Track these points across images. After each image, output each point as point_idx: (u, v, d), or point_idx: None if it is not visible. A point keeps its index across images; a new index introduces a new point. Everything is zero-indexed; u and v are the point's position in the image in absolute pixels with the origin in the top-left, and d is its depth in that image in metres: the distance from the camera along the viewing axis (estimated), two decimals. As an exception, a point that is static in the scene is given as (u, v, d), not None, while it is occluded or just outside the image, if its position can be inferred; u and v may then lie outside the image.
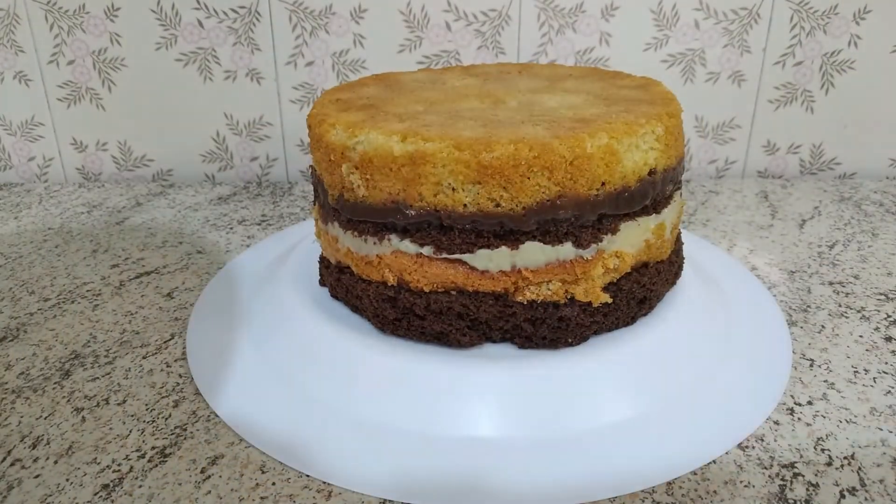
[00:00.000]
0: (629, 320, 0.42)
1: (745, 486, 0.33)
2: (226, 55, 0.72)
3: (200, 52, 0.72)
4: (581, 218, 0.37)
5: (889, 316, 0.48)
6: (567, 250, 0.38)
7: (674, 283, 0.46)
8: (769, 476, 0.34)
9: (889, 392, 0.40)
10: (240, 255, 0.58)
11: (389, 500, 0.33)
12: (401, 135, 0.38)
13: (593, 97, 0.44)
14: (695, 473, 0.34)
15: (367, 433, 0.37)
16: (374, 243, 0.40)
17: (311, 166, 0.46)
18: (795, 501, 0.32)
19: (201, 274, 0.55)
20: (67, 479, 0.34)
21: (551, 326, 0.39)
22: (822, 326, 0.46)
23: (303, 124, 0.75)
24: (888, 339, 0.45)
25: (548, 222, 0.37)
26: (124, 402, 0.40)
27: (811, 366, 0.42)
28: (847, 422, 0.37)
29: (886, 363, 0.42)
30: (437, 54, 0.72)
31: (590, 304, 0.39)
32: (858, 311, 0.48)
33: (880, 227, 0.62)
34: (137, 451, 0.36)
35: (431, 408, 0.37)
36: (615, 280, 0.40)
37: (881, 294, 0.50)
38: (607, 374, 0.39)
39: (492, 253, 0.38)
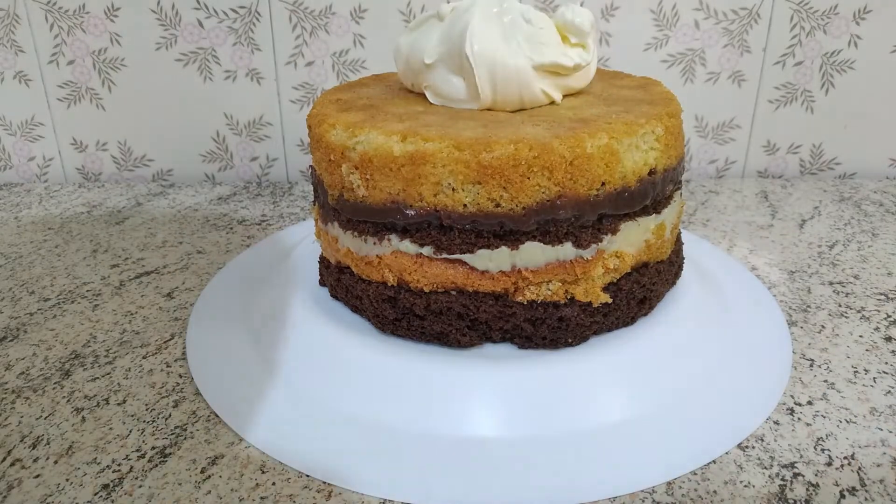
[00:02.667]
0: (629, 320, 0.42)
1: (745, 486, 0.33)
2: (226, 55, 0.72)
3: (200, 52, 0.72)
4: (581, 218, 0.37)
5: (889, 316, 0.48)
6: (567, 250, 0.38)
7: (674, 283, 0.46)
8: (769, 476, 0.34)
9: (889, 392, 0.40)
10: (240, 255, 0.58)
11: (389, 500, 0.33)
12: (401, 135, 0.38)
13: (593, 97, 0.44)
14: (695, 473, 0.34)
15: (367, 433, 0.37)
16: (374, 243, 0.40)
17: (311, 166, 0.46)
18: (795, 501, 0.32)
19: (201, 274, 0.55)
20: (67, 479, 0.34)
21: (551, 326, 0.39)
22: (822, 326, 0.46)
23: (303, 124, 0.75)
24: (888, 339, 0.45)
25: (548, 222, 0.37)
26: (124, 402, 0.40)
27: (811, 366, 0.42)
28: (847, 422, 0.37)
29: (886, 363, 0.42)
30: (437, 54, 0.72)
31: (590, 304, 0.39)
32: (858, 311, 0.48)
33: (880, 227, 0.62)
34: (137, 451, 0.36)
35: (431, 408, 0.37)
36: (615, 280, 0.40)
37: (881, 294, 0.50)
38: (607, 374, 0.39)
39: (492, 253, 0.38)
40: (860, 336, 0.45)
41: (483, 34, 0.40)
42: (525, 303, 0.39)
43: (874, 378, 0.41)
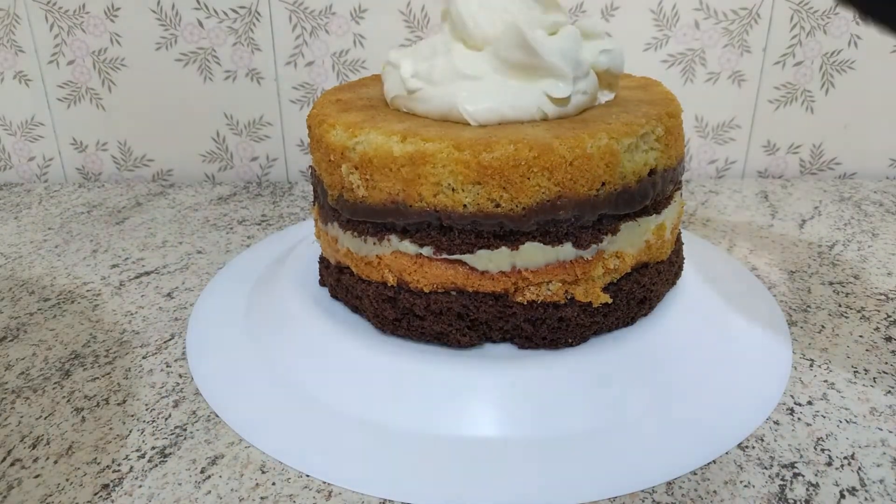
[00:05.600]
0: (629, 320, 0.42)
1: (745, 486, 0.33)
2: (226, 55, 0.72)
3: (200, 52, 0.72)
4: (581, 218, 0.37)
5: (889, 316, 0.48)
6: (567, 251, 0.38)
7: (674, 283, 0.46)
8: (769, 476, 0.34)
9: (889, 392, 0.40)
10: (240, 255, 0.58)
11: (389, 500, 0.33)
12: (401, 135, 0.38)
13: (593, 97, 0.44)
14: (695, 473, 0.34)
15: (367, 433, 0.37)
16: (374, 244, 0.40)
17: (311, 166, 0.46)
18: (795, 501, 0.32)
19: (201, 274, 0.55)
20: (67, 479, 0.34)
21: (551, 327, 0.39)
22: (822, 326, 0.46)
23: (303, 124, 0.75)
24: (888, 339, 0.45)
25: (548, 223, 0.37)
26: (124, 402, 0.40)
27: (811, 366, 0.42)
28: (847, 422, 0.37)
29: (886, 363, 0.42)
30: (437, 54, 0.72)
31: (590, 304, 0.39)
32: (858, 311, 0.48)
33: (880, 227, 0.62)
34: (137, 451, 0.36)
35: (431, 408, 0.37)
36: (615, 280, 0.40)
37: (881, 294, 0.50)
38: (607, 374, 0.39)
39: (492, 253, 0.38)
40: (860, 336, 0.45)
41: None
42: (525, 303, 0.39)
43: (874, 378, 0.41)
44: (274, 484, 0.34)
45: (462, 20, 0.41)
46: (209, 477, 0.34)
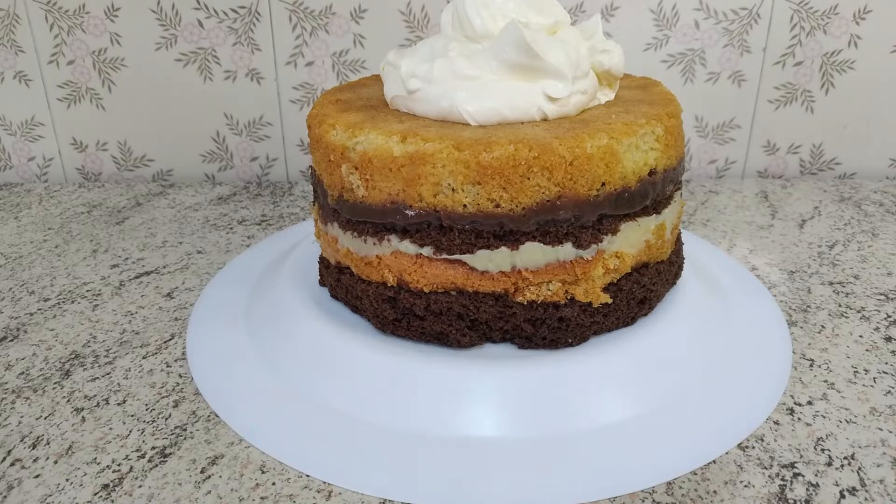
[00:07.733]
0: (629, 320, 0.42)
1: (745, 486, 0.33)
2: (226, 55, 0.72)
3: (200, 52, 0.72)
4: (581, 218, 0.37)
5: (889, 316, 0.48)
6: (567, 251, 0.38)
7: (674, 283, 0.46)
8: (769, 476, 0.34)
9: (889, 392, 0.40)
10: (240, 255, 0.58)
11: (389, 500, 0.33)
12: (400, 135, 0.38)
13: (593, 97, 0.44)
14: (695, 473, 0.34)
15: (368, 433, 0.37)
16: (374, 244, 0.40)
17: (310, 166, 0.46)
18: (795, 501, 0.32)
19: (201, 274, 0.55)
20: (67, 479, 0.34)
21: (551, 327, 0.39)
22: (822, 326, 0.46)
23: (303, 124, 0.75)
24: (888, 339, 0.45)
25: (548, 223, 0.37)
26: (124, 402, 0.40)
27: (811, 366, 0.42)
28: (847, 422, 0.37)
29: (886, 363, 0.42)
30: (437, 54, 0.72)
31: (590, 304, 0.39)
32: (858, 311, 0.48)
33: (880, 227, 0.62)
34: (137, 451, 0.36)
35: (431, 408, 0.37)
36: (615, 280, 0.40)
37: (881, 294, 0.50)
38: (607, 374, 0.39)
39: (492, 253, 0.38)
40: (860, 336, 0.45)
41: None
42: (525, 303, 0.39)
43: (874, 378, 0.41)
44: (274, 484, 0.34)
45: (468, 17, 0.41)
46: (209, 477, 0.34)
